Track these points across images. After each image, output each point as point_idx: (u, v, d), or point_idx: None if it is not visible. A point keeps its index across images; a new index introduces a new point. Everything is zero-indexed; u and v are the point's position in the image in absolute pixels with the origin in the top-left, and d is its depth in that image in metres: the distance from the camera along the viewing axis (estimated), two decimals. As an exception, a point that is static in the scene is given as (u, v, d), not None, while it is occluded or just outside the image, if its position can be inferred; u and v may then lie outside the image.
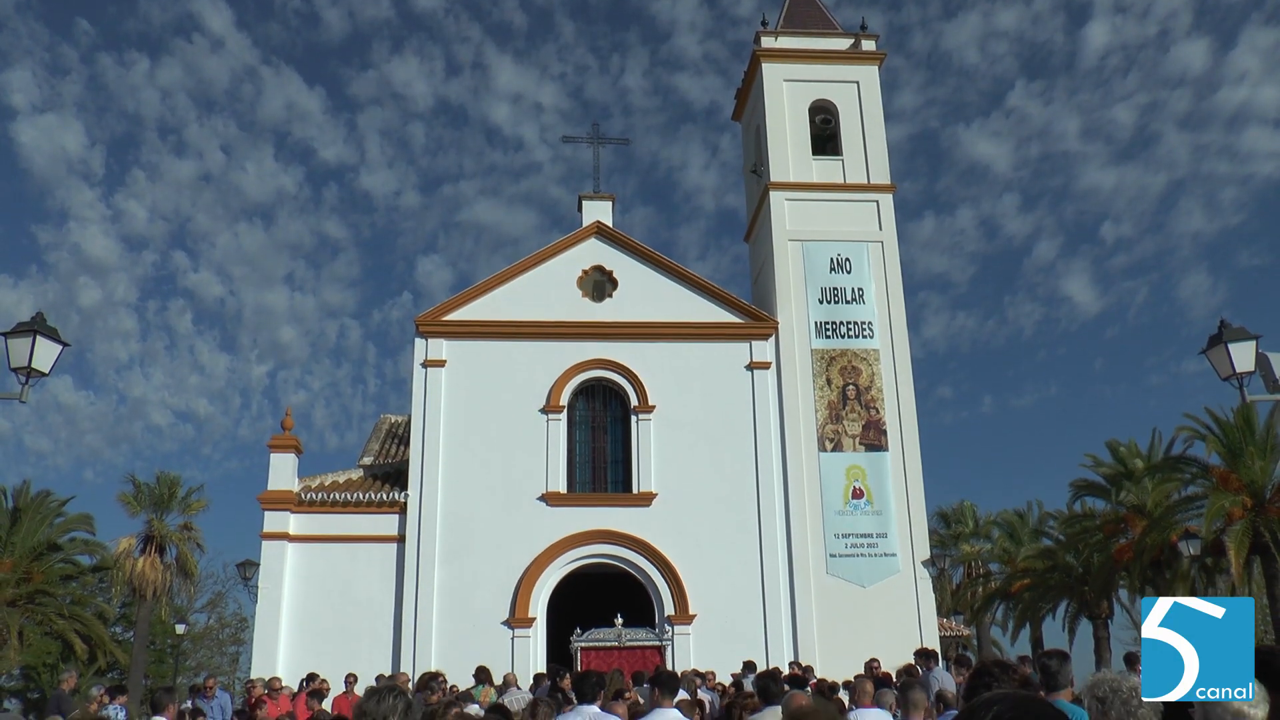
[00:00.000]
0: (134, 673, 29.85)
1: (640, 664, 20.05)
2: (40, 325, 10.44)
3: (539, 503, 23.33)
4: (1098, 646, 29.87)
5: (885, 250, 26.10)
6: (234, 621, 48.58)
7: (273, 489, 23.14)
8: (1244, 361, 11.61)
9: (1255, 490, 22.80)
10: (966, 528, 40.20)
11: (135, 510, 31.42)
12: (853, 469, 24.28)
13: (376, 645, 22.06)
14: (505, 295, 24.90)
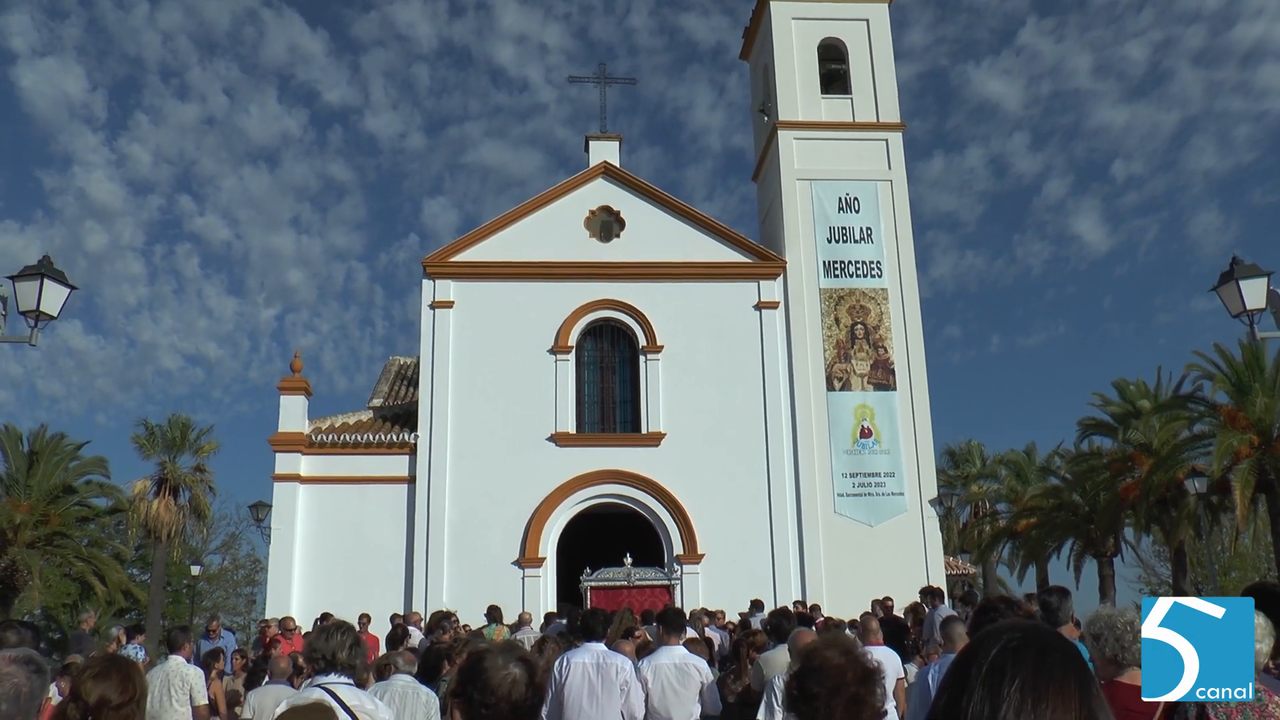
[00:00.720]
0: (151, 613, 30.30)
1: (649, 603, 20.25)
2: (47, 269, 10.47)
3: (548, 443, 23.45)
4: (1102, 584, 30.08)
5: (894, 189, 25.91)
6: (248, 563, 49.17)
7: (283, 431, 23.29)
8: (1255, 299, 11.57)
9: (1263, 428, 22.81)
10: (974, 467, 40.31)
11: (149, 453, 31.68)
12: (861, 408, 24.33)
13: (389, 585, 22.32)
14: (512, 236, 24.82)
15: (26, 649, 3.18)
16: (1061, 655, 1.21)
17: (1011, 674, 1.18)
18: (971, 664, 1.21)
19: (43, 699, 3.03)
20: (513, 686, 3.17)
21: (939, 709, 1.22)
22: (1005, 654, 1.20)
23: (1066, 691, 1.17)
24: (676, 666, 7.83)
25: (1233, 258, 11.81)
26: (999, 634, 1.25)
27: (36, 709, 3.00)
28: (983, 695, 1.16)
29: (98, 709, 3.39)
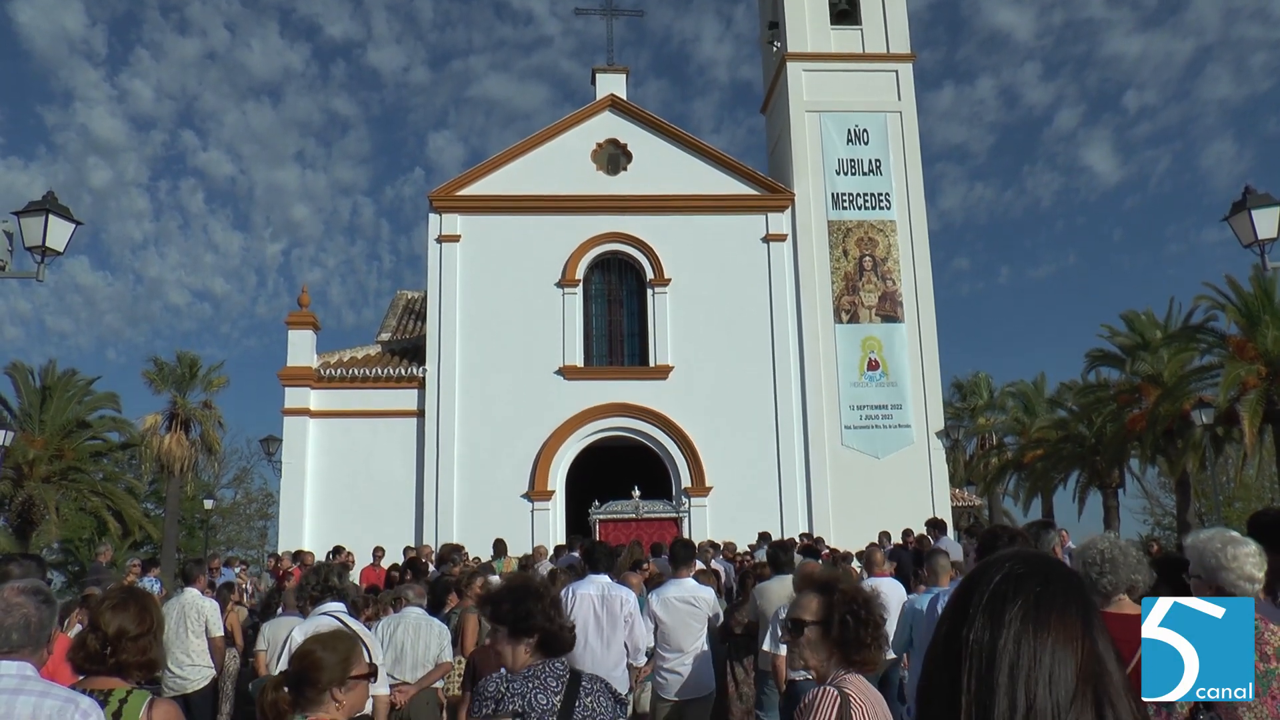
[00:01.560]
0: (166, 546, 30.70)
1: (657, 536, 20.43)
2: (52, 204, 10.44)
3: (556, 376, 23.51)
4: (1106, 516, 30.31)
5: (904, 121, 25.63)
6: (260, 497, 49.71)
7: (292, 365, 23.37)
8: (1267, 228, 11.49)
9: (1271, 359, 22.75)
10: (981, 399, 40.39)
11: (159, 389, 31.87)
12: (868, 340, 24.31)
13: (399, 518, 22.54)
14: (519, 170, 24.65)
15: (34, 580, 3.22)
16: (1064, 584, 1.20)
17: (1013, 602, 1.17)
18: (973, 592, 1.21)
19: (52, 629, 3.06)
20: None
21: (940, 637, 1.22)
22: (1007, 582, 1.19)
23: (1068, 620, 1.16)
24: (685, 599, 7.92)
25: (1245, 187, 11.72)
26: (1001, 562, 1.23)
27: (47, 639, 3.04)
28: (983, 624, 1.16)
29: (116, 639, 3.45)
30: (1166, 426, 25.41)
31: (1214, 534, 3.70)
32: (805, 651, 3.15)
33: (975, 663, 1.14)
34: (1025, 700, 1.11)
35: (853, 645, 3.08)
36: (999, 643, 1.14)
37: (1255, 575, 3.57)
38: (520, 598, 3.42)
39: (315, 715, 3.22)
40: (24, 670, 2.89)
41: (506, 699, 3.16)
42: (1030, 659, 1.13)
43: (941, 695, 1.16)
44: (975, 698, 1.13)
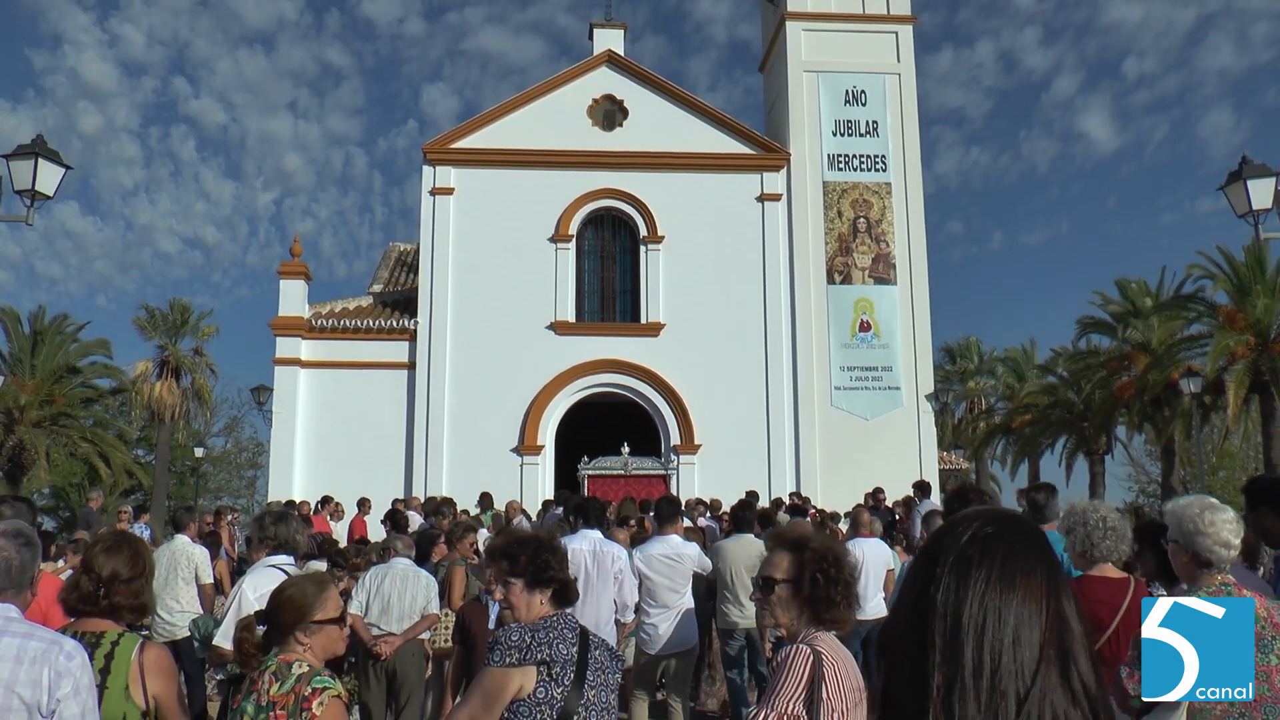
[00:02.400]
0: (157, 494, 30.79)
1: (646, 492, 20.50)
2: (41, 148, 10.37)
3: (547, 331, 23.51)
4: (1092, 482, 30.53)
5: (902, 83, 25.47)
6: (250, 446, 49.76)
7: (283, 315, 23.33)
8: (1262, 199, 11.51)
9: (1260, 329, 22.87)
10: (971, 363, 40.53)
11: (150, 336, 31.82)
12: (860, 302, 24.33)
13: (389, 470, 22.62)
14: (514, 124, 24.49)
15: (17, 522, 3.22)
16: (1030, 545, 1.20)
17: (979, 563, 1.17)
18: (940, 552, 1.20)
19: (34, 571, 3.07)
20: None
21: (907, 600, 1.22)
22: (974, 543, 1.19)
23: (1034, 581, 1.17)
24: (669, 556, 7.98)
25: (1242, 156, 11.73)
26: (969, 522, 1.23)
27: (30, 581, 3.05)
28: (950, 585, 1.16)
29: (109, 582, 3.49)
30: (1154, 394, 25.58)
31: (1193, 500, 3.74)
32: (776, 610, 3.19)
33: (942, 624, 1.15)
34: (991, 661, 1.12)
35: (823, 604, 3.12)
36: (965, 604, 1.15)
37: (1231, 541, 3.62)
38: (537, 550, 3.46)
39: (284, 655, 3.29)
40: (7, 612, 2.90)
41: (532, 648, 3.19)
42: (996, 621, 1.13)
43: (908, 655, 1.16)
44: (942, 658, 1.14)
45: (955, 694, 1.12)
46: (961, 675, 1.12)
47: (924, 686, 1.14)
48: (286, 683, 3.19)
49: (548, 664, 3.18)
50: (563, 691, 3.18)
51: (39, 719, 2.77)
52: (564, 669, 3.21)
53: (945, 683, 1.13)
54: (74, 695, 2.82)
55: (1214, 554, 3.61)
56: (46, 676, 2.78)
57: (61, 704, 2.79)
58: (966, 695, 1.12)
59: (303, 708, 3.14)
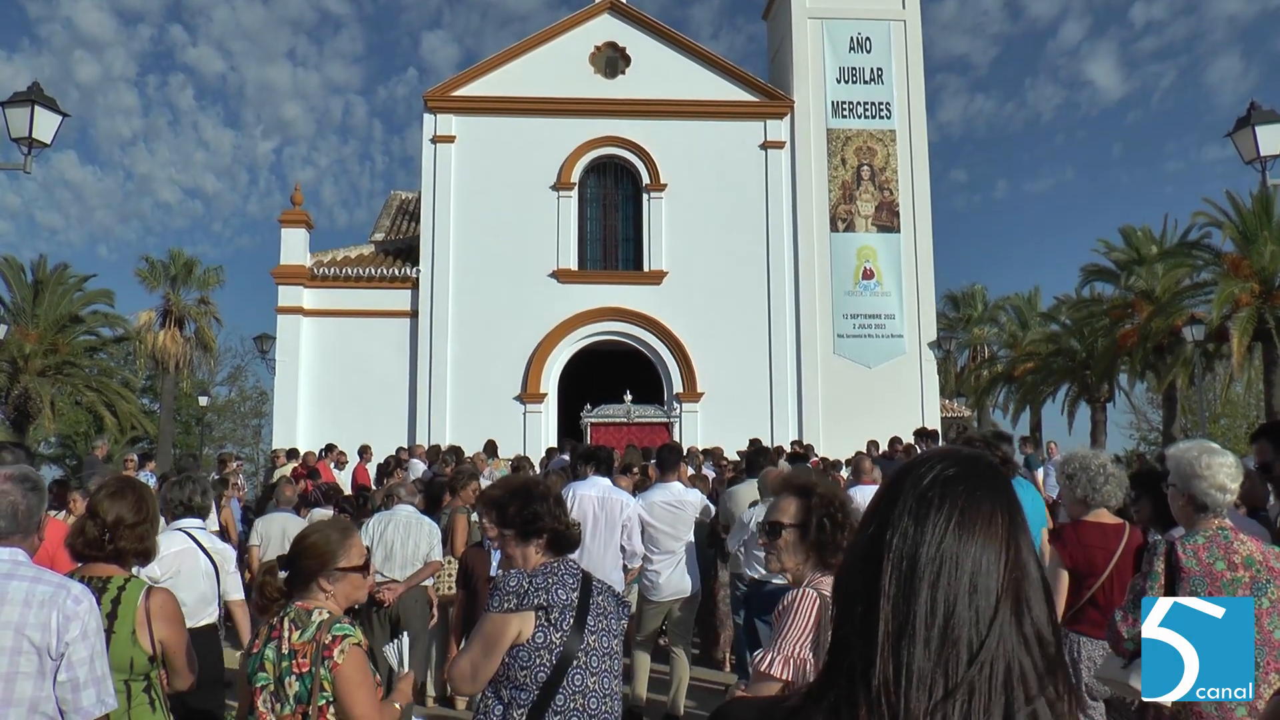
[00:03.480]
0: (162, 442, 30.92)
1: (648, 440, 20.64)
2: (38, 95, 10.30)
3: (550, 279, 23.47)
4: (1094, 430, 30.60)
5: (907, 30, 25.16)
6: (254, 395, 49.91)
7: (285, 264, 23.29)
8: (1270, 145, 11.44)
9: (1265, 277, 22.79)
10: (975, 311, 40.43)
11: (153, 286, 31.78)
12: (864, 249, 24.24)
13: (392, 418, 22.70)
14: (516, 71, 24.26)
15: (24, 466, 3.21)
16: (991, 487, 1.17)
17: (938, 506, 1.14)
18: (900, 494, 1.18)
19: (40, 515, 3.07)
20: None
21: (862, 541, 1.19)
22: (934, 485, 1.16)
23: (994, 526, 1.14)
24: (671, 503, 8.03)
25: (1251, 102, 11.63)
26: (931, 463, 1.19)
27: (37, 525, 3.05)
28: (908, 528, 1.14)
29: (115, 527, 3.51)
30: (1158, 342, 25.54)
31: (1192, 444, 3.77)
32: (783, 554, 3.21)
33: (897, 568, 1.12)
34: (945, 608, 1.10)
35: (829, 548, 3.14)
36: (922, 548, 1.12)
37: (1227, 485, 3.64)
38: (526, 500, 3.46)
39: (302, 602, 3.29)
40: (15, 556, 2.90)
41: (530, 593, 3.22)
42: (953, 567, 1.11)
43: (859, 598, 1.15)
44: (894, 603, 1.11)
45: (904, 640, 1.10)
46: (913, 621, 1.10)
47: (873, 630, 1.12)
48: (307, 630, 3.20)
49: (545, 609, 3.21)
50: (562, 636, 3.20)
51: (49, 662, 2.78)
52: (563, 614, 3.22)
53: (896, 629, 1.10)
54: (82, 639, 2.83)
55: (1210, 497, 3.64)
56: (55, 620, 2.79)
57: (70, 647, 2.80)
58: (916, 642, 1.09)
59: (324, 656, 3.15)
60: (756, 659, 3.04)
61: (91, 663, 2.85)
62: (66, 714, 2.82)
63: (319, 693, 3.13)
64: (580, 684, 3.22)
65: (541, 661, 3.18)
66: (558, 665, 3.19)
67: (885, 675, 1.10)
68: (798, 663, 2.94)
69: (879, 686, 1.10)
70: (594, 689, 3.26)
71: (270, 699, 3.16)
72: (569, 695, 3.20)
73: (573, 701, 3.20)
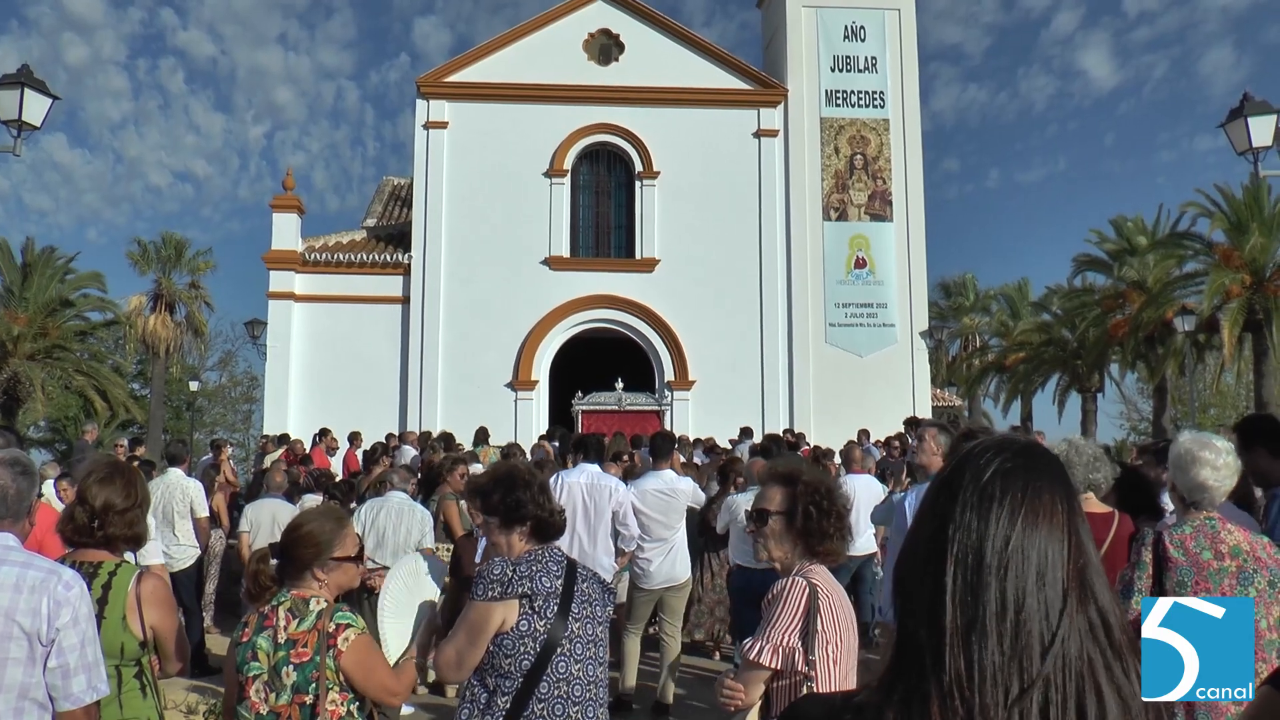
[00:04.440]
0: (152, 428, 30.82)
1: (640, 428, 20.60)
2: (27, 77, 10.23)
3: (542, 266, 23.43)
4: (1084, 419, 30.68)
5: (902, 19, 25.14)
6: (245, 380, 49.75)
7: (277, 249, 23.21)
8: (1262, 136, 11.45)
9: (1256, 268, 22.84)
10: (967, 300, 40.47)
11: (144, 270, 31.64)
12: (856, 238, 24.24)
13: (384, 404, 22.65)
14: (509, 57, 24.18)
15: (14, 450, 3.19)
16: (1050, 476, 1.18)
17: (1000, 499, 1.14)
18: (958, 488, 1.17)
19: (32, 500, 3.05)
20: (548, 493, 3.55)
21: (924, 535, 1.19)
22: (995, 478, 1.16)
23: (1056, 515, 1.15)
24: (662, 491, 8.03)
25: (1244, 93, 11.64)
26: (987, 454, 1.19)
27: (27, 510, 3.03)
28: (970, 522, 1.14)
29: (104, 512, 3.49)
30: (1148, 332, 25.60)
31: (1191, 438, 3.80)
32: (770, 543, 3.21)
33: (962, 564, 1.13)
34: (1016, 601, 1.10)
35: (816, 535, 3.14)
36: (988, 542, 1.12)
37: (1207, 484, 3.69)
38: (509, 487, 3.44)
39: (297, 591, 3.27)
40: (6, 541, 2.88)
41: (514, 581, 3.22)
42: (1020, 559, 1.11)
43: (924, 593, 1.15)
44: (961, 598, 1.12)
45: (975, 635, 1.10)
46: (983, 617, 1.10)
47: (940, 625, 1.12)
48: (306, 619, 3.18)
49: (529, 597, 3.21)
50: (545, 624, 3.21)
51: (39, 647, 2.77)
52: (547, 602, 3.23)
53: (965, 624, 1.11)
54: (73, 624, 2.81)
55: (1190, 494, 3.71)
56: (45, 605, 2.77)
57: (61, 633, 2.78)
58: (988, 637, 1.10)
59: (329, 644, 3.14)
60: (745, 647, 3.05)
61: (82, 649, 2.83)
62: (57, 700, 2.80)
63: (323, 681, 3.12)
64: (564, 672, 3.23)
65: (525, 650, 3.19)
66: (541, 653, 3.19)
67: (957, 670, 1.10)
68: (787, 651, 2.95)
69: (950, 681, 1.10)
70: (578, 676, 3.26)
71: (264, 688, 3.14)
72: (553, 683, 3.21)
73: (556, 689, 3.21)
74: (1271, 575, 3.56)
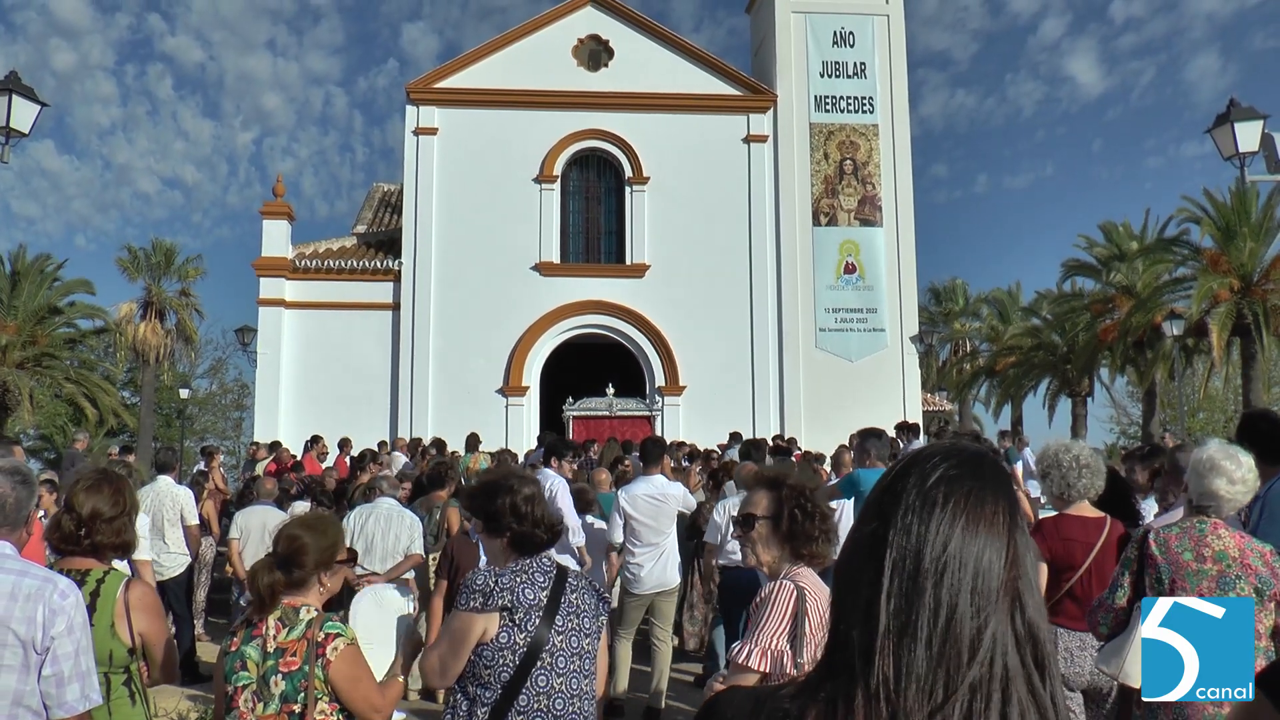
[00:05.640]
0: (143, 435, 30.69)
1: (630, 433, 20.59)
2: (15, 84, 10.20)
3: (532, 272, 23.43)
4: (1074, 424, 30.77)
5: (890, 24, 25.23)
6: (235, 387, 49.57)
7: (267, 255, 23.17)
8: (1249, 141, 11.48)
9: (1244, 273, 22.94)
10: (957, 305, 40.59)
11: (133, 276, 31.52)
12: (846, 244, 24.29)
13: (375, 411, 22.62)
14: (498, 63, 24.19)
15: (13, 460, 3.21)
16: (993, 483, 1.18)
17: (943, 504, 1.14)
18: (901, 490, 1.17)
19: (30, 509, 3.06)
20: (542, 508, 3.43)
21: (863, 536, 1.18)
22: (940, 483, 1.16)
23: (997, 524, 1.15)
24: (653, 496, 8.04)
25: (1230, 99, 11.68)
26: (935, 461, 1.19)
27: (24, 519, 3.05)
28: (911, 525, 1.14)
29: (91, 520, 3.47)
30: (1137, 337, 25.69)
31: (1212, 447, 3.83)
32: (758, 547, 3.22)
33: (900, 567, 1.13)
34: (949, 606, 1.10)
35: (802, 539, 3.16)
36: (928, 546, 1.12)
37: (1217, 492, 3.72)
38: (489, 495, 3.41)
39: (289, 599, 3.25)
40: (2, 549, 2.90)
41: (495, 593, 3.18)
42: (957, 566, 1.11)
43: (861, 594, 1.15)
44: (896, 601, 1.11)
45: (906, 639, 1.10)
46: (915, 620, 1.10)
47: (874, 626, 1.12)
48: (295, 628, 3.17)
49: (510, 610, 3.17)
50: (526, 637, 3.16)
51: (34, 655, 2.78)
52: (529, 614, 3.18)
53: (898, 627, 1.11)
54: (68, 633, 2.83)
55: (1200, 500, 3.75)
56: (41, 614, 2.79)
57: (56, 642, 2.80)
58: (918, 641, 1.10)
59: (317, 654, 3.13)
60: (734, 651, 3.06)
61: (77, 657, 2.85)
62: (51, 709, 2.81)
63: (311, 691, 3.11)
64: (545, 685, 3.18)
65: (505, 661, 3.15)
66: (520, 665, 3.15)
67: (885, 673, 1.10)
68: (775, 654, 2.96)
69: (878, 684, 1.10)
70: (560, 690, 3.21)
71: (252, 698, 3.13)
72: (533, 695, 3.16)
73: (537, 702, 3.16)
74: (1259, 583, 3.56)
